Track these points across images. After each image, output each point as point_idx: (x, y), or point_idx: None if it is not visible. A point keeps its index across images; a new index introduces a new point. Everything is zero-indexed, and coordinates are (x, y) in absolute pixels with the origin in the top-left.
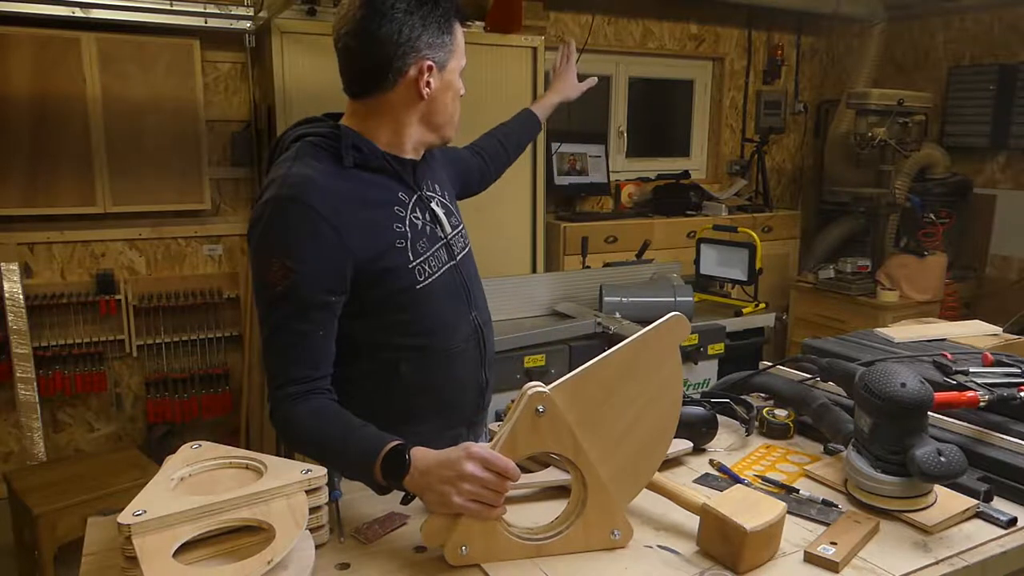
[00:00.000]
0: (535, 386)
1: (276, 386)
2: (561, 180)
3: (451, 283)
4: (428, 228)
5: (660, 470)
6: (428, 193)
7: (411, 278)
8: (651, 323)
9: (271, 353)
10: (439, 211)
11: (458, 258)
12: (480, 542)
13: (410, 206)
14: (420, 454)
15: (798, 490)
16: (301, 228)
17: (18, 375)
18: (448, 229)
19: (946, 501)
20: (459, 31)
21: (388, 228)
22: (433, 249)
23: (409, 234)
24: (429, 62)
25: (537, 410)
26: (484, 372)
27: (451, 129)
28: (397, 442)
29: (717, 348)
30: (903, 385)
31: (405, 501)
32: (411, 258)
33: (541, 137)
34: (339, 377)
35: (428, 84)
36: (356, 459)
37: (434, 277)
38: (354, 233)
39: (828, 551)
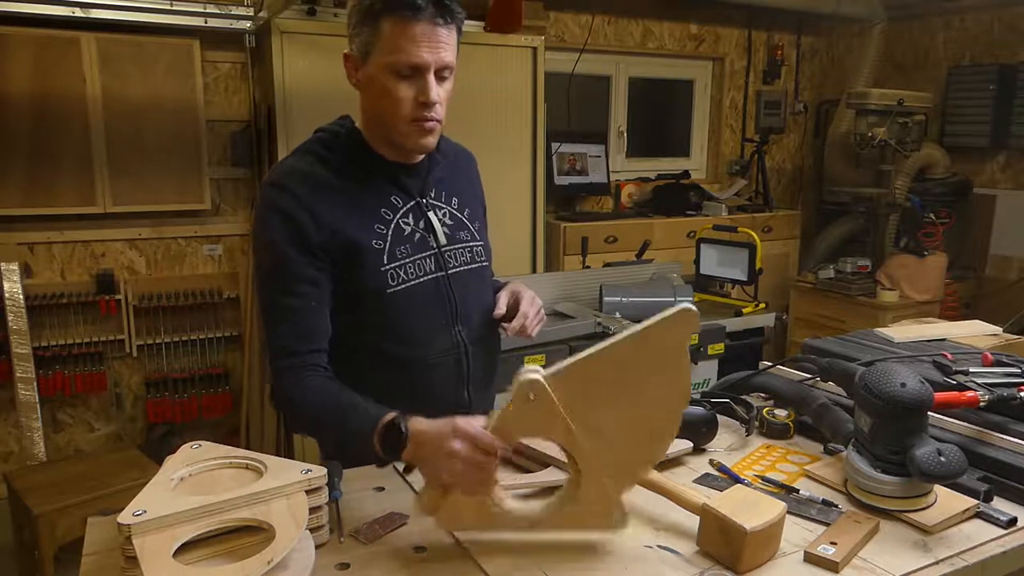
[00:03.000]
0: (529, 371)
1: (273, 361)
2: (561, 180)
3: (433, 293)
4: (417, 235)
5: (660, 470)
6: (432, 201)
7: (382, 281)
8: None
9: (267, 330)
10: (436, 221)
11: (450, 271)
12: (463, 515)
13: (402, 211)
14: (416, 426)
15: (798, 490)
16: (278, 211)
17: (18, 375)
18: (443, 240)
19: (946, 501)
20: (384, 22)
21: (368, 227)
22: (416, 256)
23: (390, 237)
24: (347, 51)
25: (528, 397)
26: (466, 393)
27: (394, 132)
28: (394, 415)
29: (717, 348)
30: (903, 385)
31: (407, 471)
32: (385, 261)
33: (541, 137)
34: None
35: (355, 76)
36: (355, 433)
37: (409, 284)
38: (330, 221)
39: (828, 551)
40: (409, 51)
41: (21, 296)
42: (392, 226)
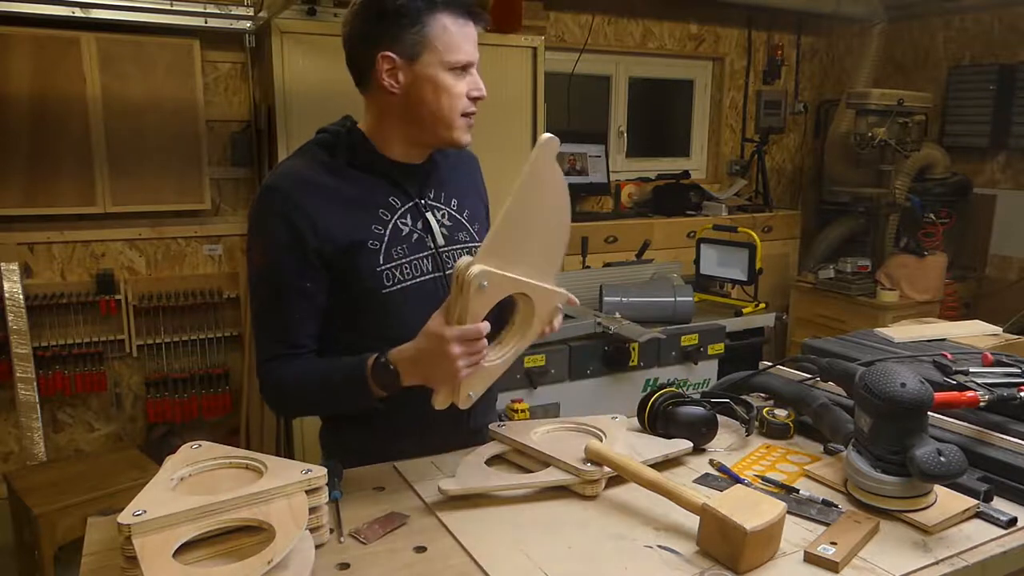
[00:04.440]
0: (469, 264)
1: (260, 362)
2: None
3: (431, 294)
4: (414, 236)
5: (660, 470)
6: (430, 202)
7: (378, 281)
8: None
9: (257, 332)
10: (435, 222)
11: (448, 272)
12: (477, 383)
13: (400, 211)
14: (398, 355)
15: (798, 490)
16: (276, 215)
17: (18, 375)
18: (441, 241)
19: (946, 501)
20: (438, 23)
21: (365, 228)
22: (412, 257)
23: (387, 237)
24: (387, 53)
25: (482, 286)
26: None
27: (448, 130)
28: (374, 357)
29: (717, 348)
30: (903, 385)
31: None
32: (381, 261)
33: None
34: None
35: (395, 77)
36: (348, 391)
37: (406, 284)
38: (326, 224)
39: (828, 551)
40: (465, 49)
41: (21, 296)
42: (390, 226)
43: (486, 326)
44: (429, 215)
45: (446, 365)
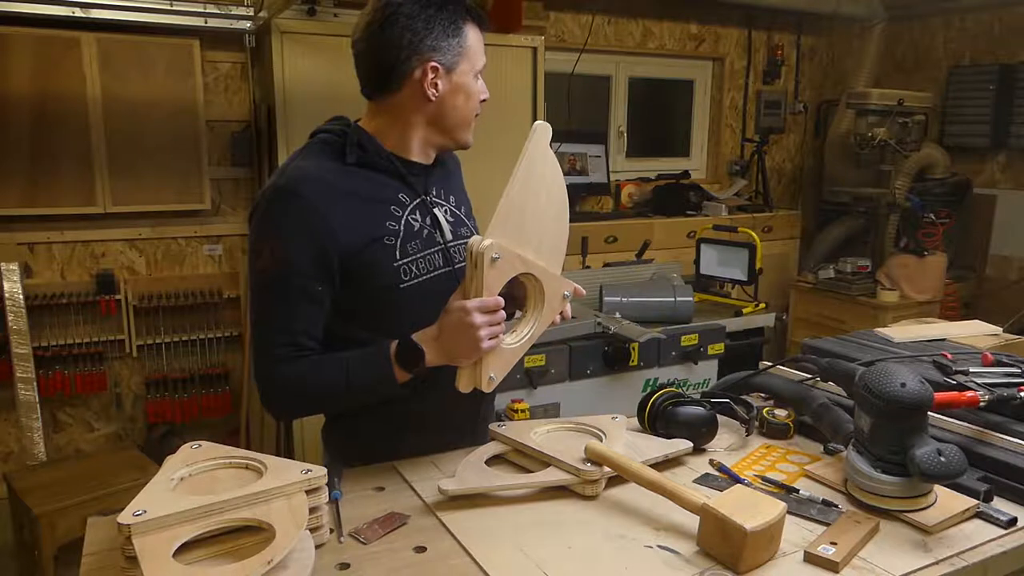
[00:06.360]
0: (480, 240)
1: (263, 365)
2: None
3: (443, 289)
4: (425, 231)
5: (660, 470)
6: (434, 199)
7: (395, 276)
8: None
9: (259, 333)
10: (442, 217)
11: (457, 266)
12: (497, 365)
13: (410, 208)
14: (423, 336)
15: (798, 490)
16: (290, 216)
17: (18, 375)
18: (448, 236)
19: (946, 501)
20: (471, 34)
21: (380, 224)
22: (425, 252)
23: (402, 233)
24: (434, 63)
25: (493, 258)
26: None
27: (464, 132)
28: (396, 341)
29: (717, 348)
30: (903, 385)
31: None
32: (397, 256)
33: None
34: None
35: (435, 86)
36: (369, 376)
37: (421, 279)
38: (342, 225)
39: (828, 551)
40: (483, 56)
41: (21, 296)
42: (403, 222)
43: (502, 301)
44: (436, 210)
45: (469, 335)
